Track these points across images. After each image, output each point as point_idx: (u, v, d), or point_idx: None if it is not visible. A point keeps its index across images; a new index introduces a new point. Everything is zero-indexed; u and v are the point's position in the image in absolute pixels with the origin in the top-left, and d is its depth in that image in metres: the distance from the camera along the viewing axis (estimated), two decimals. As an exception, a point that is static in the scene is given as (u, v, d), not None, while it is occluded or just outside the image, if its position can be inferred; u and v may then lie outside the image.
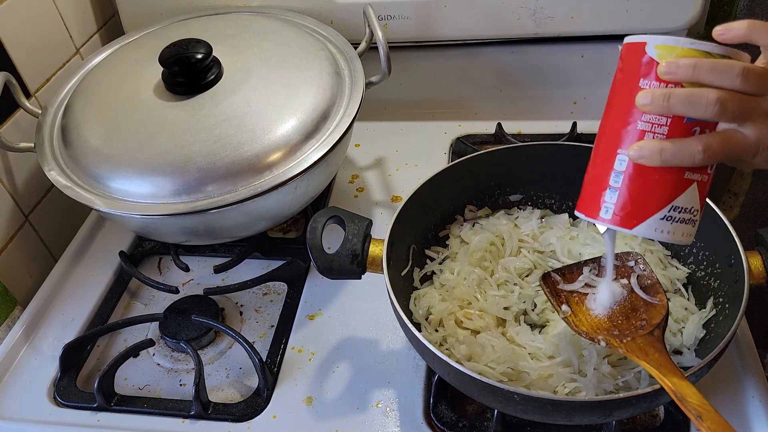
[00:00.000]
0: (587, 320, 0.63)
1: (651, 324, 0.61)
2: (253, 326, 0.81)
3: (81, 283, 0.88)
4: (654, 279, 0.66)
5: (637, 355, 0.58)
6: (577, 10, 0.95)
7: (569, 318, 0.64)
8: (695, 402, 0.52)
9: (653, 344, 0.59)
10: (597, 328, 0.62)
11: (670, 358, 0.57)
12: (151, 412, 0.72)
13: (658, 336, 0.60)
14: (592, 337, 0.61)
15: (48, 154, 0.80)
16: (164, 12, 1.02)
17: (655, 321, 0.61)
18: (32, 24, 0.92)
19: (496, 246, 0.77)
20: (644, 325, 0.61)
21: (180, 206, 0.72)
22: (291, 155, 0.75)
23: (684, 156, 0.50)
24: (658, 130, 0.51)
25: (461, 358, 0.67)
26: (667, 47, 0.50)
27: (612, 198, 0.54)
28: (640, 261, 0.67)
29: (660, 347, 0.59)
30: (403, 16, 0.98)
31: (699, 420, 0.51)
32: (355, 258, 0.67)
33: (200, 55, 0.77)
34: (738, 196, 1.24)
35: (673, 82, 0.50)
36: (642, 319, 0.62)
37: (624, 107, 0.53)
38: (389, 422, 0.69)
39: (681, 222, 0.53)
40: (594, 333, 0.61)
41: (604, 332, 0.61)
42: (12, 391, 0.76)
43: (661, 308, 0.63)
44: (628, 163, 0.53)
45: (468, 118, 1.06)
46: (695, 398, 0.52)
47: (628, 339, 0.60)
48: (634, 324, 0.62)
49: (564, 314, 0.64)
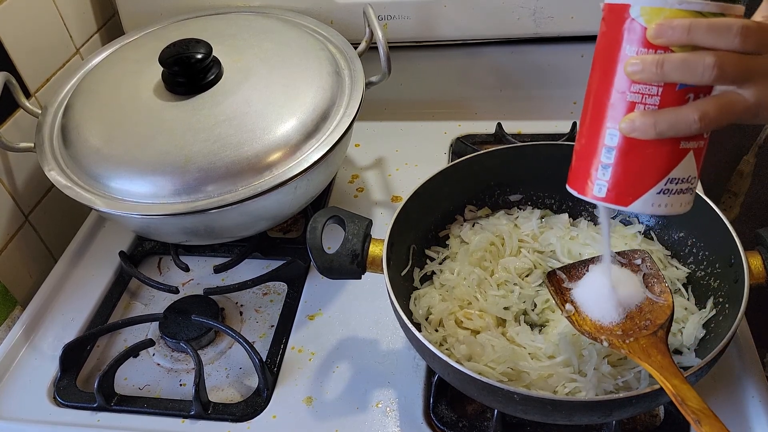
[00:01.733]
0: (591, 320, 0.63)
1: (655, 324, 0.60)
2: (253, 326, 0.81)
3: (81, 283, 0.88)
4: (661, 278, 0.64)
5: (639, 357, 0.57)
6: (577, 10, 0.95)
7: (572, 317, 0.63)
8: (695, 406, 0.52)
9: (656, 345, 0.58)
10: (600, 327, 0.61)
11: (673, 360, 0.57)
12: (151, 412, 0.72)
13: (661, 337, 0.59)
14: (594, 337, 0.61)
15: (48, 154, 0.80)
16: (164, 12, 1.02)
17: (660, 321, 0.60)
18: (32, 24, 0.92)
19: (496, 246, 0.77)
20: (648, 325, 0.60)
21: (180, 206, 0.72)
22: (291, 155, 0.75)
23: (679, 127, 0.47)
24: (649, 100, 0.48)
25: (461, 358, 0.67)
26: (655, 9, 0.46)
27: (605, 175, 0.51)
28: (648, 259, 0.66)
29: (663, 348, 0.58)
30: (403, 16, 0.98)
31: (698, 424, 0.50)
32: (355, 258, 0.67)
33: (200, 55, 0.77)
34: (738, 196, 1.24)
35: (663, 46, 0.46)
36: (646, 319, 0.61)
37: (609, 76, 0.49)
38: (389, 422, 0.69)
39: (678, 193, 0.50)
40: (597, 333, 0.61)
41: (606, 332, 0.61)
42: (12, 391, 0.76)
43: (666, 308, 0.61)
44: (620, 138, 0.49)
45: (468, 118, 1.06)
46: (695, 402, 0.52)
47: (631, 340, 0.59)
48: (638, 324, 0.61)
49: (567, 313, 0.64)
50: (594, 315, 0.62)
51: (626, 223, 0.79)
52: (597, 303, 0.63)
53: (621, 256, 0.67)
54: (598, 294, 0.63)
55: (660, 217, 0.77)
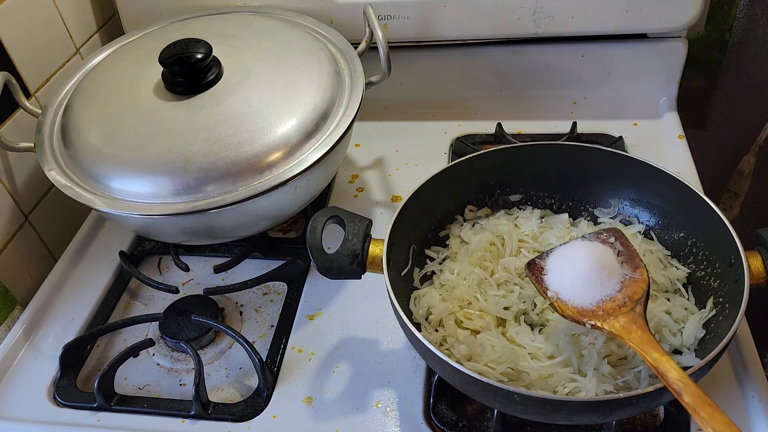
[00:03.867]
0: (572, 305, 0.63)
1: (633, 300, 0.61)
2: (253, 326, 0.81)
3: (81, 283, 0.88)
4: (633, 252, 0.65)
5: (620, 334, 0.59)
6: (577, 10, 0.95)
7: (555, 303, 0.64)
8: (675, 376, 0.54)
9: (635, 321, 0.60)
10: (581, 311, 0.63)
11: (651, 334, 0.59)
12: (151, 412, 0.72)
13: (639, 312, 0.60)
14: (578, 321, 0.62)
15: (48, 154, 0.80)
16: (164, 12, 1.02)
17: (637, 297, 0.62)
18: (32, 24, 0.92)
19: (496, 246, 0.77)
20: (626, 302, 0.62)
21: (180, 206, 0.72)
22: (291, 155, 0.75)
23: None
24: None
25: (461, 358, 0.67)
26: None
27: None
28: (620, 236, 0.67)
29: (642, 323, 0.59)
30: (403, 16, 0.98)
31: (678, 394, 0.52)
32: (355, 258, 0.67)
33: (200, 55, 0.77)
34: (738, 196, 1.24)
35: None
36: (625, 296, 0.62)
37: None
38: (389, 422, 0.69)
39: None
40: (579, 317, 0.62)
41: (588, 315, 0.62)
42: (12, 391, 0.76)
43: (642, 282, 0.63)
44: None
45: (468, 118, 1.06)
46: (675, 373, 0.54)
47: (612, 319, 0.61)
48: (617, 302, 0.62)
49: (550, 300, 0.64)
50: (575, 300, 0.63)
51: (626, 223, 0.79)
52: (576, 287, 0.64)
53: (594, 236, 0.68)
54: (576, 277, 0.64)
55: (660, 218, 0.77)
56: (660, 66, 1.01)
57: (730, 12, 1.11)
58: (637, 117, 1.02)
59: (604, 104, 1.04)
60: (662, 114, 1.03)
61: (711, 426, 0.50)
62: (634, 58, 1.01)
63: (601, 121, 1.02)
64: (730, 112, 1.24)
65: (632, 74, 1.03)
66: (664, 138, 0.99)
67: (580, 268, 0.65)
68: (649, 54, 1.00)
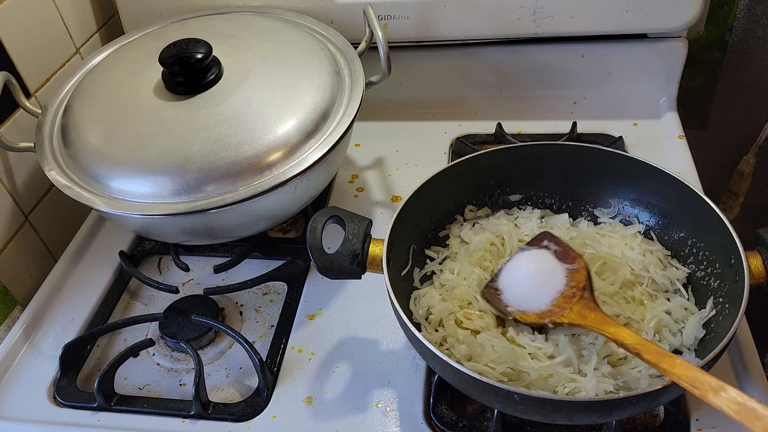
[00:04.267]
0: (530, 312, 0.68)
1: (579, 289, 0.66)
2: (253, 326, 0.81)
3: (81, 283, 0.88)
4: (568, 248, 0.70)
5: (578, 322, 0.64)
6: (577, 10, 0.95)
7: (517, 315, 0.68)
8: (632, 342, 0.58)
9: (587, 306, 0.64)
10: (541, 314, 0.67)
11: (604, 313, 0.64)
12: (151, 412, 0.72)
13: (588, 297, 0.65)
14: (540, 324, 0.66)
15: (48, 154, 0.80)
16: (164, 12, 1.02)
17: (581, 284, 0.66)
18: (32, 24, 0.92)
19: (496, 246, 0.77)
20: (575, 292, 0.66)
21: (180, 206, 0.72)
22: (291, 155, 0.75)
23: None
24: None
25: (461, 358, 0.67)
26: None
27: None
28: (551, 237, 0.72)
29: (593, 306, 0.64)
30: (403, 16, 0.98)
31: (639, 355, 0.57)
32: (355, 258, 0.67)
33: (200, 54, 0.77)
34: (738, 196, 1.24)
35: None
36: (572, 288, 0.67)
37: None
38: (389, 422, 0.69)
39: None
40: (540, 319, 0.66)
41: (547, 315, 0.66)
42: (12, 391, 0.76)
43: (582, 270, 0.68)
44: None
45: (468, 118, 1.06)
46: (631, 338, 0.59)
47: (567, 311, 0.65)
48: (566, 295, 0.67)
49: (512, 315, 0.68)
50: (531, 306, 0.68)
51: (626, 223, 0.79)
52: (529, 294, 0.68)
53: (530, 245, 0.73)
54: (526, 287, 0.69)
55: (660, 218, 0.77)
56: (660, 66, 1.01)
57: (730, 12, 1.11)
58: (637, 117, 1.02)
59: (604, 104, 1.04)
60: (662, 114, 1.03)
61: (673, 372, 0.54)
62: (634, 58, 1.01)
63: (601, 121, 1.02)
64: (730, 112, 1.24)
65: (632, 74, 1.03)
66: (664, 138, 0.99)
67: (526, 278, 0.70)
68: (649, 54, 1.00)
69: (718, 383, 0.51)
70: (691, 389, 0.52)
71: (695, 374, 0.53)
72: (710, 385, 0.51)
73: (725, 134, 1.26)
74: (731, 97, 1.22)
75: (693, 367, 0.53)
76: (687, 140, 0.97)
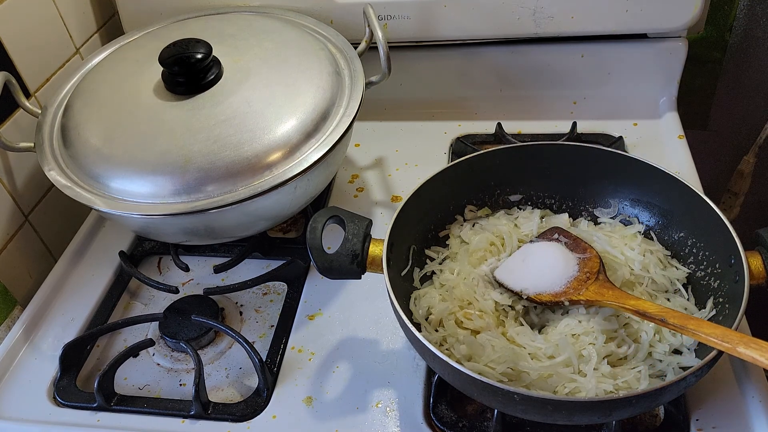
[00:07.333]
0: (549, 293, 0.70)
1: (593, 272, 0.69)
2: (253, 326, 0.81)
3: (81, 283, 0.88)
4: (578, 240, 0.74)
5: (596, 298, 0.67)
6: (577, 10, 0.95)
7: (531, 295, 0.70)
8: (655, 310, 0.62)
9: (604, 285, 0.68)
10: (555, 294, 0.69)
11: (621, 289, 0.67)
12: (151, 412, 0.72)
13: (604, 279, 0.69)
14: (556, 302, 0.69)
15: (48, 154, 0.80)
16: (164, 12, 1.02)
17: (595, 269, 0.70)
18: (32, 24, 0.92)
19: (496, 246, 0.77)
20: (589, 275, 0.69)
21: (180, 206, 0.72)
22: (291, 155, 0.75)
23: None
24: None
25: (461, 358, 0.67)
26: None
27: None
28: (561, 231, 0.75)
29: (610, 285, 0.68)
30: (403, 16, 0.98)
31: (664, 321, 0.60)
32: (355, 258, 0.67)
33: (200, 55, 0.77)
34: (738, 196, 1.24)
35: None
36: (586, 272, 0.70)
37: None
38: (389, 422, 0.69)
39: None
40: (555, 299, 0.69)
41: (562, 295, 0.69)
42: (12, 391, 0.76)
43: (594, 258, 0.71)
44: None
45: (468, 118, 1.06)
46: (654, 308, 0.62)
47: (583, 290, 0.68)
48: (581, 278, 0.70)
49: (525, 295, 0.70)
50: (546, 290, 0.70)
51: (626, 223, 0.79)
52: (543, 278, 0.71)
53: (540, 238, 0.76)
54: (541, 271, 0.71)
55: (660, 218, 0.77)
56: (660, 66, 1.01)
57: (730, 12, 1.11)
58: (637, 117, 1.02)
59: (604, 104, 1.04)
60: (662, 114, 1.03)
61: (701, 332, 0.58)
62: (634, 58, 1.01)
63: (601, 121, 1.02)
64: (730, 112, 1.24)
65: (632, 74, 1.03)
66: (664, 138, 0.99)
67: (541, 260, 0.72)
68: (649, 54, 1.00)
69: (745, 336, 0.56)
70: (721, 345, 0.56)
71: (722, 331, 0.57)
72: (741, 339, 0.56)
73: (725, 134, 1.26)
74: (731, 97, 1.22)
75: (718, 326, 0.57)
76: (687, 140, 0.97)
